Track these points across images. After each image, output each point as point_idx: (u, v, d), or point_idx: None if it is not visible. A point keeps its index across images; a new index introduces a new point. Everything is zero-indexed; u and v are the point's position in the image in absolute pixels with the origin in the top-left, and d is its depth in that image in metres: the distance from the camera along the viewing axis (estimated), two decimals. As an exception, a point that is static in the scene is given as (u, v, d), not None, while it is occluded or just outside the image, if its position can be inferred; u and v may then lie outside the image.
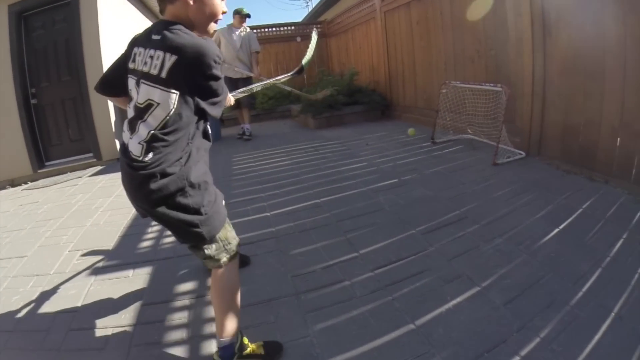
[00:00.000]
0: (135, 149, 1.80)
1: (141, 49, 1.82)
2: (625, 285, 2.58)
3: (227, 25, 8.50)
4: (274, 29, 13.30)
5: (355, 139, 7.60)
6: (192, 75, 1.75)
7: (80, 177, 6.99)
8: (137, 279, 3.18)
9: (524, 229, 3.45)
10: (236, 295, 2.13)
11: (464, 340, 2.21)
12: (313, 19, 20.56)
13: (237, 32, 8.35)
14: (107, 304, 2.87)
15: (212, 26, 1.96)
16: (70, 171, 7.64)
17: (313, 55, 3.71)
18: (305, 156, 6.63)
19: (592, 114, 4.42)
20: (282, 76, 3.35)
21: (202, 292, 2.89)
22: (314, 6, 21.26)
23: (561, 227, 3.42)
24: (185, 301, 2.82)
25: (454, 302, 2.56)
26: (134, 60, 1.85)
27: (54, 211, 5.13)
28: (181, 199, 1.85)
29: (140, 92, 1.79)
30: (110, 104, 7.86)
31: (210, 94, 1.85)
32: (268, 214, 4.21)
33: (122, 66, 1.94)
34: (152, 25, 1.88)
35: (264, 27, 13.19)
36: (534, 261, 2.96)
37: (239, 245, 2.18)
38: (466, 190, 4.43)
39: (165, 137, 1.78)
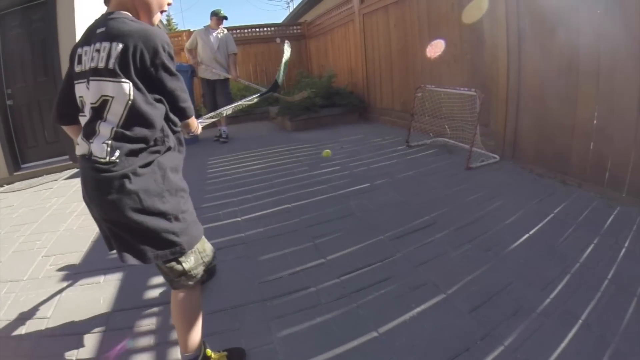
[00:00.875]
0: (99, 150, 1.64)
1: (86, 48, 1.71)
2: (594, 291, 2.60)
3: (204, 26, 8.52)
4: (253, 30, 13.29)
5: (331, 142, 7.66)
6: (141, 63, 1.65)
7: (55, 180, 6.93)
8: (107, 285, 3.19)
9: (494, 235, 3.48)
10: (200, 312, 2.09)
11: (426, 349, 2.24)
12: (294, 20, 20.55)
13: (214, 34, 8.37)
14: (79, 310, 2.88)
15: (158, 17, 1.89)
16: (46, 174, 7.53)
17: (285, 70, 3.70)
18: (280, 160, 6.69)
19: (566, 118, 4.50)
20: (254, 97, 3.34)
21: (169, 299, 2.88)
22: (294, 7, 21.30)
23: (531, 232, 3.46)
24: (153, 308, 2.85)
25: (419, 309, 2.58)
26: (80, 62, 1.73)
27: (29, 215, 5.10)
28: (159, 204, 1.73)
29: (92, 90, 1.66)
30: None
31: (166, 90, 1.76)
32: (239, 219, 4.25)
33: (71, 82, 1.82)
34: (94, 21, 1.77)
35: (243, 27, 13.17)
36: (502, 267, 2.97)
37: (214, 256, 2.14)
38: (438, 195, 4.47)
39: (129, 134, 1.67)
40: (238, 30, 12.98)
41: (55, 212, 5.10)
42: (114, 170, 1.64)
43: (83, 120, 1.77)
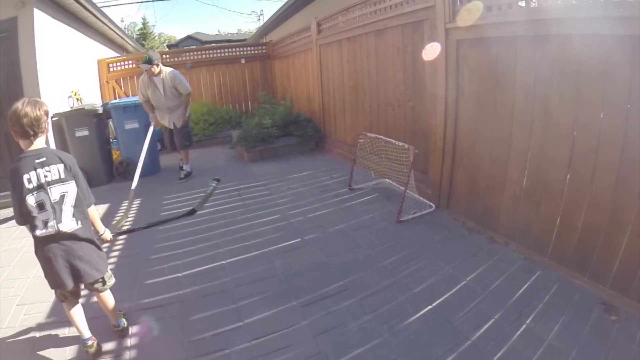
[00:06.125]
0: (69, 225, 2.95)
1: (32, 173, 2.84)
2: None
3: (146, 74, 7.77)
4: (219, 51, 13.64)
5: (280, 180, 7.97)
6: (71, 170, 3.03)
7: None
8: (71, 336, 3.61)
9: (396, 306, 3.68)
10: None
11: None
12: (263, 33, 21.10)
13: (157, 80, 7.78)
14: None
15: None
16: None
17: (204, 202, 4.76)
18: (228, 202, 6.93)
19: (497, 177, 4.70)
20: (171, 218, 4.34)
21: (129, 347, 3.46)
22: (264, 22, 21.61)
23: (435, 303, 3.66)
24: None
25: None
26: (30, 182, 2.82)
27: (2, 258, 5.30)
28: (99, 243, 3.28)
29: (53, 193, 2.90)
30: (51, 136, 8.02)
31: (78, 185, 3.09)
32: (180, 275, 4.58)
33: (22, 196, 2.85)
34: (28, 158, 2.87)
35: (209, 48, 13.82)
36: (393, 342, 3.20)
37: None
38: (358, 255, 4.67)
39: (77, 209, 3.03)
40: (203, 52, 13.39)
41: (25, 256, 5.29)
42: (77, 232, 3.03)
43: (42, 216, 2.88)
